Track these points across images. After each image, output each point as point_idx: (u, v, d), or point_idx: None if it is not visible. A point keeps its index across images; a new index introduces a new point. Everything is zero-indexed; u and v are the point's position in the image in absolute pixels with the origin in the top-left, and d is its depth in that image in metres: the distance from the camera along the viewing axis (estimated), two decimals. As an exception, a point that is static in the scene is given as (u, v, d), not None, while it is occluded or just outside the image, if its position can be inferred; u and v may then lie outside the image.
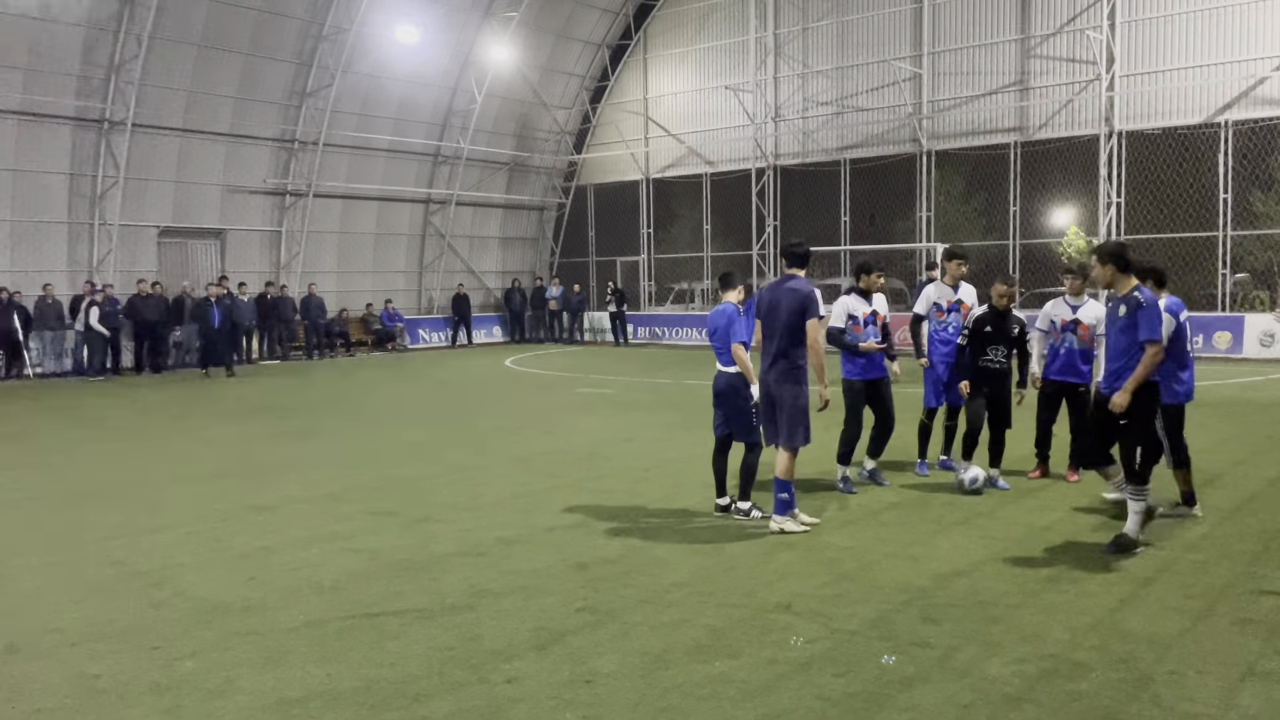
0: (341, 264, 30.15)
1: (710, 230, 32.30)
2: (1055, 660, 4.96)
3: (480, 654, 5.21)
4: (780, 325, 7.46)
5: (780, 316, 7.44)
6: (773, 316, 7.52)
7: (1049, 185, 26.31)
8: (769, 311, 7.52)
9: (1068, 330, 8.98)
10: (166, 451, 12.24)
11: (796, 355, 7.46)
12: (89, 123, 23.97)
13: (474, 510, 8.60)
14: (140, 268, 25.01)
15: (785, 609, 5.82)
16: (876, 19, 28.33)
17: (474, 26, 30.62)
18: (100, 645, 5.46)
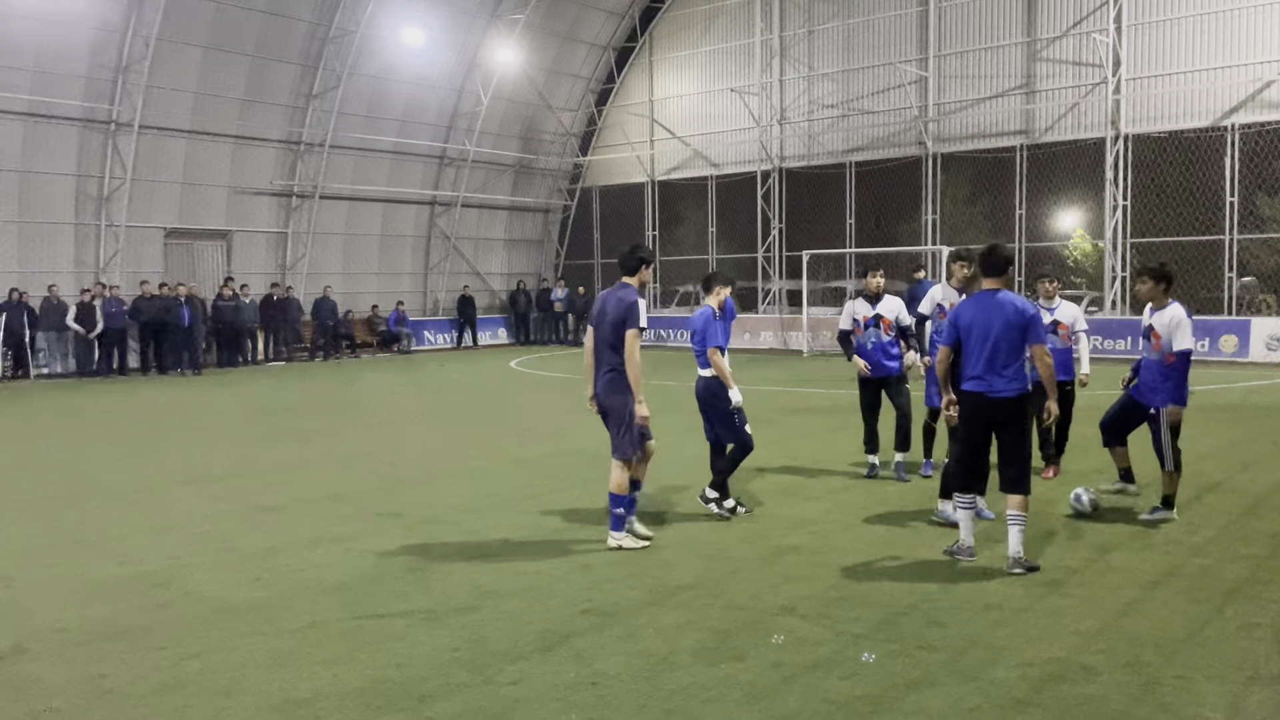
0: (347, 265, 30.18)
1: (715, 233, 32.30)
2: (1062, 664, 4.95)
3: (485, 655, 5.21)
4: (606, 334, 7.33)
5: (605, 325, 7.31)
6: (600, 324, 7.39)
7: (1055, 188, 26.27)
8: (598, 319, 7.40)
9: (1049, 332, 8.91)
10: (172, 452, 12.26)
11: (620, 365, 7.28)
12: (96, 124, 24.04)
13: (478, 511, 8.60)
14: (146, 269, 25.09)
15: (790, 612, 5.81)
16: (882, 22, 28.32)
17: (480, 29, 30.67)
18: (107, 645, 5.47)
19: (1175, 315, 7.78)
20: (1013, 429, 6.64)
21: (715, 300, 8.25)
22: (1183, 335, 7.70)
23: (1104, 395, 10.21)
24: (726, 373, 8.04)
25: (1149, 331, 7.92)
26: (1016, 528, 6.56)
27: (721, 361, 8.05)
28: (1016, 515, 6.56)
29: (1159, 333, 7.82)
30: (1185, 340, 7.71)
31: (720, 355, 8.06)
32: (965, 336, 6.72)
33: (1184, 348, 7.72)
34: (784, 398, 17.06)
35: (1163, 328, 7.80)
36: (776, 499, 8.86)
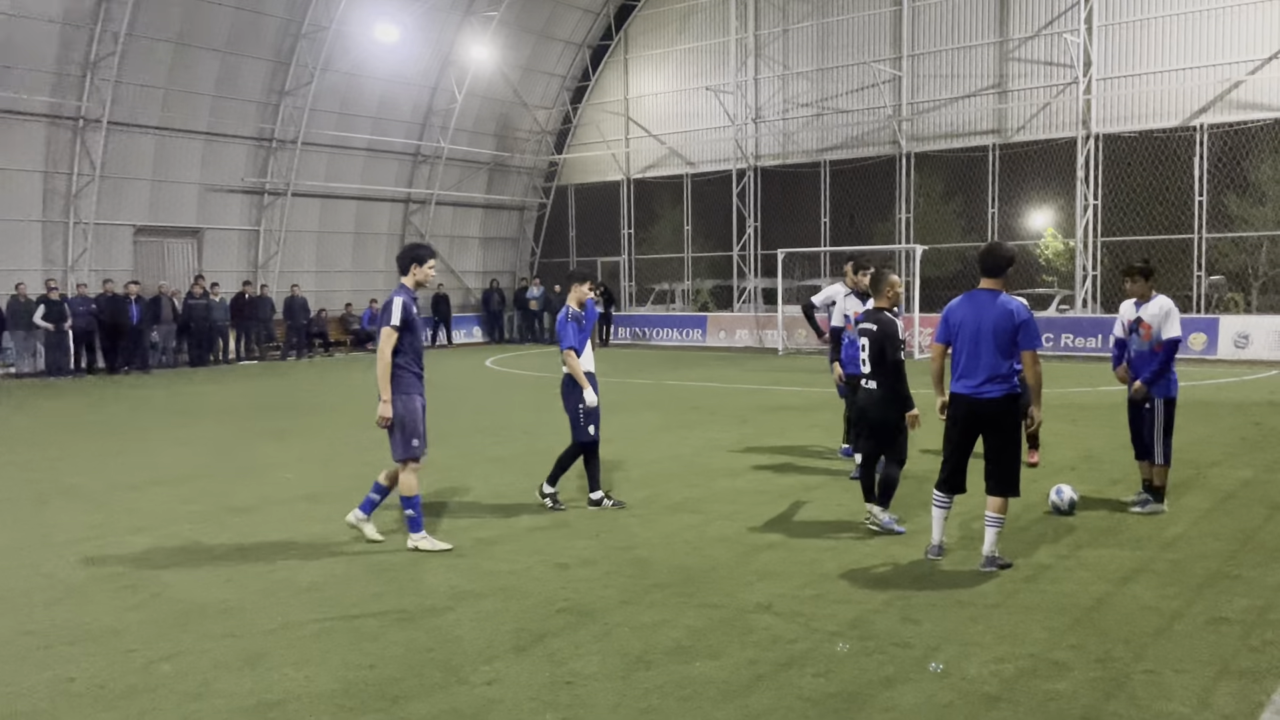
0: (320, 263, 29.98)
1: (691, 231, 32.33)
2: (1034, 660, 4.99)
3: (460, 655, 5.18)
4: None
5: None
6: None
7: (1027, 187, 26.49)
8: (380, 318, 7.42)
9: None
10: (142, 452, 12.13)
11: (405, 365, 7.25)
12: (64, 120, 23.74)
13: (453, 512, 8.56)
14: (116, 267, 24.81)
15: (766, 609, 5.83)
16: (857, 21, 28.45)
17: (454, 25, 30.53)
18: (75, 648, 5.40)
19: (1164, 305, 7.96)
20: (999, 431, 6.59)
21: (575, 299, 8.32)
22: (1172, 324, 7.90)
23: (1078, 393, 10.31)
24: (580, 373, 8.17)
25: (1138, 324, 8.03)
26: (994, 530, 6.57)
27: (575, 363, 8.18)
28: (995, 518, 6.57)
29: (1149, 324, 7.95)
30: (1174, 329, 7.90)
31: (575, 356, 8.17)
32: (955, 335, 6.69)
33: (1173, 335, 7.89)
34: (759, 395, 17.11)
35: (1152, 318, 7.95)
36: (751, 497, 8.87)
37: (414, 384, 7.30)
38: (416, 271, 7.28)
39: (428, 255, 7.38)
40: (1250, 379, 18.07)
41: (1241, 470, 9.67)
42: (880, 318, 7.56)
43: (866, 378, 7.63)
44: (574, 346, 8.18)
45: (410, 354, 7.25)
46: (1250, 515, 7.87)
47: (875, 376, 7.52)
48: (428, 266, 7.33)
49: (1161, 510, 7.92)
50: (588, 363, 8.37)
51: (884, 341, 7.43)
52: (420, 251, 7.38)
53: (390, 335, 7.09)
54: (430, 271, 7.37)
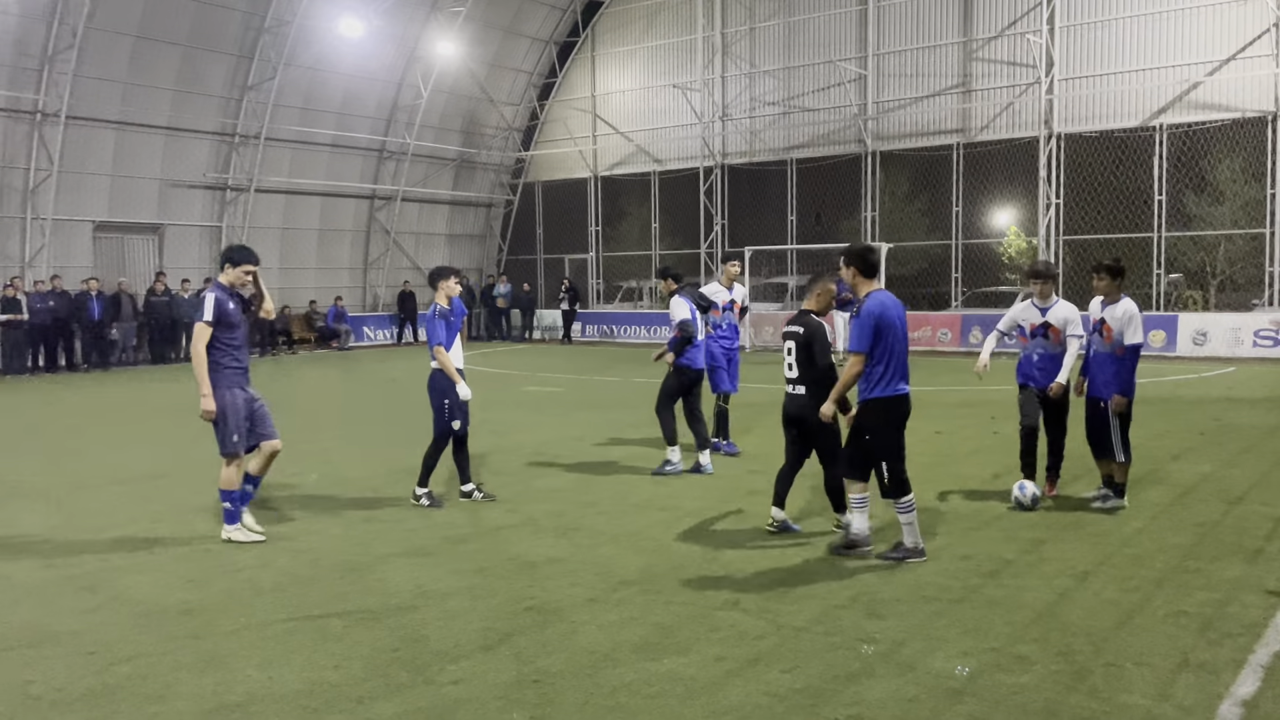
0: (284, 260, 29.65)
1: (659, 228, 32.34)
2: (997, 654, 5.04)
3: (426, 655, 5.15)
4: None
5: None
6: None
7: (990, 186, 26.76)
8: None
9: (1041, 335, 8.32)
10: (101, 452, 11.94)
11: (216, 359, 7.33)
12: (21, 114, 23.30)
13: (419, 510, 8.51)
14: (75, 264, 24.41)
15: (733, 606, 5.84)
16: (822, 20, 28.59)
17: (420, 21, 30.33)
18: (33, 651, 5.31)
19: (1128, 310, 8.01)
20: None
21: (443, 296, 8.50)
22: (1135, 330, 7.97)
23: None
24: (451, 368, 8.36)
25: (1100, 325, 8.09)
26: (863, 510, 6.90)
27: (446, 358, 8.36)
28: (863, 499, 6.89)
29: (1111, 326, 8.01)
30: (1137, 335, 7.98)
31: (444, 352, 8.36)
32: (892, 338, 6.62)
33: (1135, 342, 7.98)
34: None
35: (1115, 321, 8.01)
36: (719, 495, 8.89)
37: (234, 379, 7.39)
38: (230, 272, 7.44)
39: (242, 260, 7.49)
40: (1209, 376, 18.38)
41: (1200, 465, 9.83)
42: (808, 321, 7.36)
43: (793, 383, 7.36)
44: (442, 343, 8.36)
45: (228, 349, 7.34)
46: (1209, 510, 8.00)
47: (803, 381, 7.26)
48: (240, 270, 7.45)
49: (1122, 506, 8.04)
50: (457, 358, 8.56)
51: (811, 345, 7.23)
52: (234, 255, 7.53)
53: (202, 330, 7.24)
54: (244, 277, 7.46)
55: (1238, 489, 8.72)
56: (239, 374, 7.41)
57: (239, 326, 7.41)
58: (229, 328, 7.32)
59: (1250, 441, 11.18)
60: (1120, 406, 7.99)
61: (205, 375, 7.22)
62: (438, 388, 8.52)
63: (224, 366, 7.31)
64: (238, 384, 7.39)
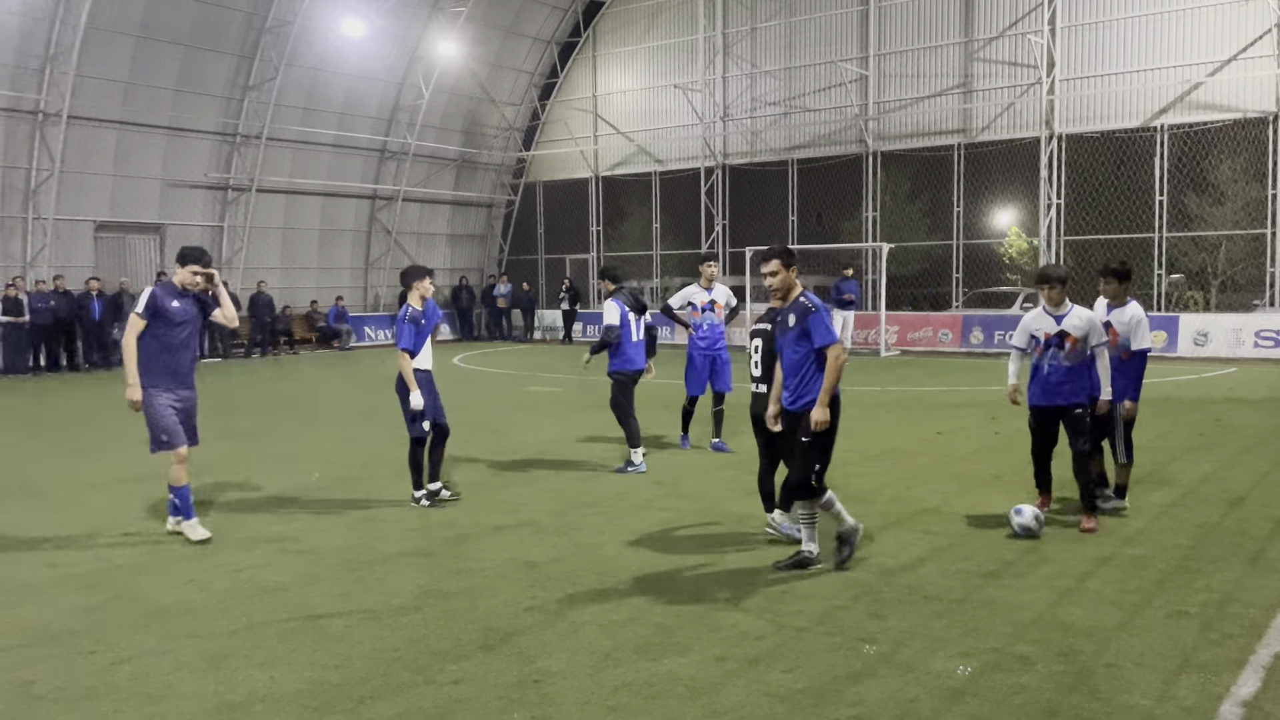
0: (285, 260, 29.68)
1: (660, 228, 32.35)
2: (998, 654, 5.04)
3: (427, 655, 5.15)
4: None
5: None
6: None
7: (991, 187, 26.78)
8: None
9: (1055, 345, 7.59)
10: (103, 451, 11.95)
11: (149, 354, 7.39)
12: (22, 114, 23.32)
13: (421, 510, 8.51)
14: (77, 263, 24.43)
15: (734, 606, 5.84)
16: (824, 20, 28.59)
17: (421, 21, 30.34)
18: (34, 650, 5.31)
19: (1135, 314, 7.96)
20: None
21: (417, 296, 8.45)
22: (1142, 334, 7.93)
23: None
24: (410, 375, 8.31)
25: (1106, 328, 8.00)
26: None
27: (407, 364, 8.29)
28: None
29: (1117, 330, 7.96)
30: (1145, 340, 7.95)
31: (408, 359, 8.29)
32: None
33: (1143, 346, 7.95)
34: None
35: (1121, 326, 7.96)
36: (720, 494, 8.89)
37: (163, 379, 7.40)
38: (179, 272, 7.53)
39: (189, 260, 7.56)
40: (1209, 376, 18.37)
41: (1201, 466, 9.82)
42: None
43: (758, 381, 7.21)
44: (408, 348, 8.31)
45: (164, 348, 7.37)
46: (1210, 510, 8.00)
47: (767, 380, 7.07)
48: (188, 270, 7.52)
49: (1123, 507, 8.04)
50: (425, 360, 8.56)
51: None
52: (183, 254, 7.61)
53: (134, 321, 7.33)
54: (192, 277, 7.50)
55: (1239, 490, 8.72)
56: (169, 376, 7.40)
57: (181, 326, 7.39)
58: (167, 325, 7.35)
59: (1251, 442, 11.18)
60: (1130, 413, 7.96)
61: (132, 367, 7.30)
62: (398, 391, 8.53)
63: (155, 364, 7.35)
64: (165, 385, 7.38)
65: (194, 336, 7.63)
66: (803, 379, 6.46)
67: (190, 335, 7.55)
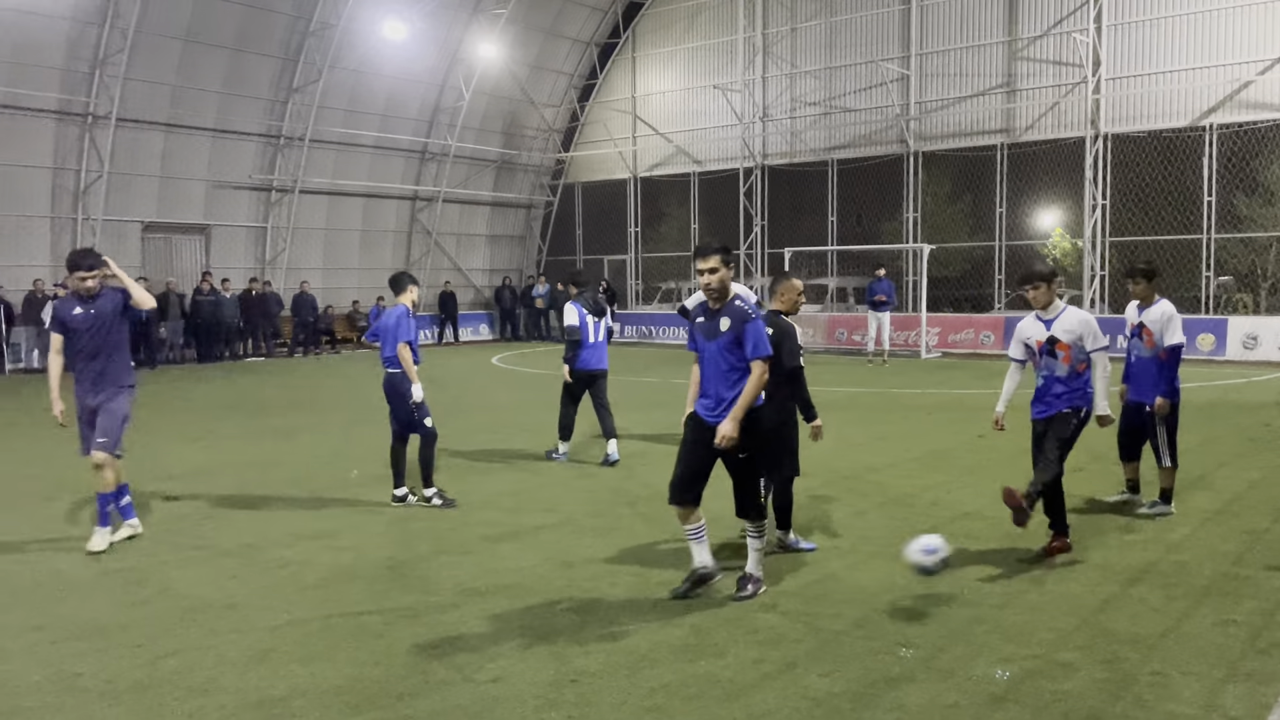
0: (327, 260, 30.02)
1: (698, 229, 32.31)
2: (1040, 660, 4.98)
3: (465, 653, 5.18)
4: None
5: None
6: None
7: (1035, 187, 26.44)
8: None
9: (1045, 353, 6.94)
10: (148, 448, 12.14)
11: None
12: (72, 116, 23.79)
13: (459, 509, 8.57)
14: (124, 263, 24.57)
15: (770, 609, 5.82)
16: (865, 20, 28.40)
17: (462, 23, 30.54)
18: (82, 644, 5.41)
19: (1165, 311, 7.94)
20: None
21: (409, 299, 8.78)
22: (1174, 330, 7.88)
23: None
24: (411, 368, 8.59)
25: (1140, 330, 8.00)
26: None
27: (408, 356, 8.59)
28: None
29: (1151, 329, 7.93)
30: (1177, 335, 7.90)
31: (409, 351, 8.60)
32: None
33: (1176, 342, 7.90)
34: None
35: (1154, 324, 7.92)
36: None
37: (76, 387, 7.49)
38: (70, 279, 7.51)
39: (76, 265, 7.46)
40: (1259, 380, 18.01)
41: (1249, 472, 9.63)
42: (777, 322, 6.94)
43: None
44: (411, 340, 8.65)
45: (74, 355, 7.45)
46: (1258, 517, 7.84)
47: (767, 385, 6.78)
48: (75, 276, 7.47)
49: (1169, 512, 7.91)
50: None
51: (780, 347, 6.75)
52: (71, 259, 7.54)
53: (52, 339, 7.52)
54: (79, 283, 7.46)
55: (1289, 496, 8.54)
56: (78, 383, 7.48)
57: (84, 333, 7.38)
58: (74, 334, 7.40)
59: (1302, 448, 10.94)
60: (1164, 409, 7.88)
61: (52, 382, 7.51)
62: (399, 389, 8.72)
63: (73, 372, 7.47)
64: (76, 393, 7.47)
65: (106, 340, 7.45)
66: (733, 389, 5.87)
67: (99, 341, 7.41)
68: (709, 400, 6.00)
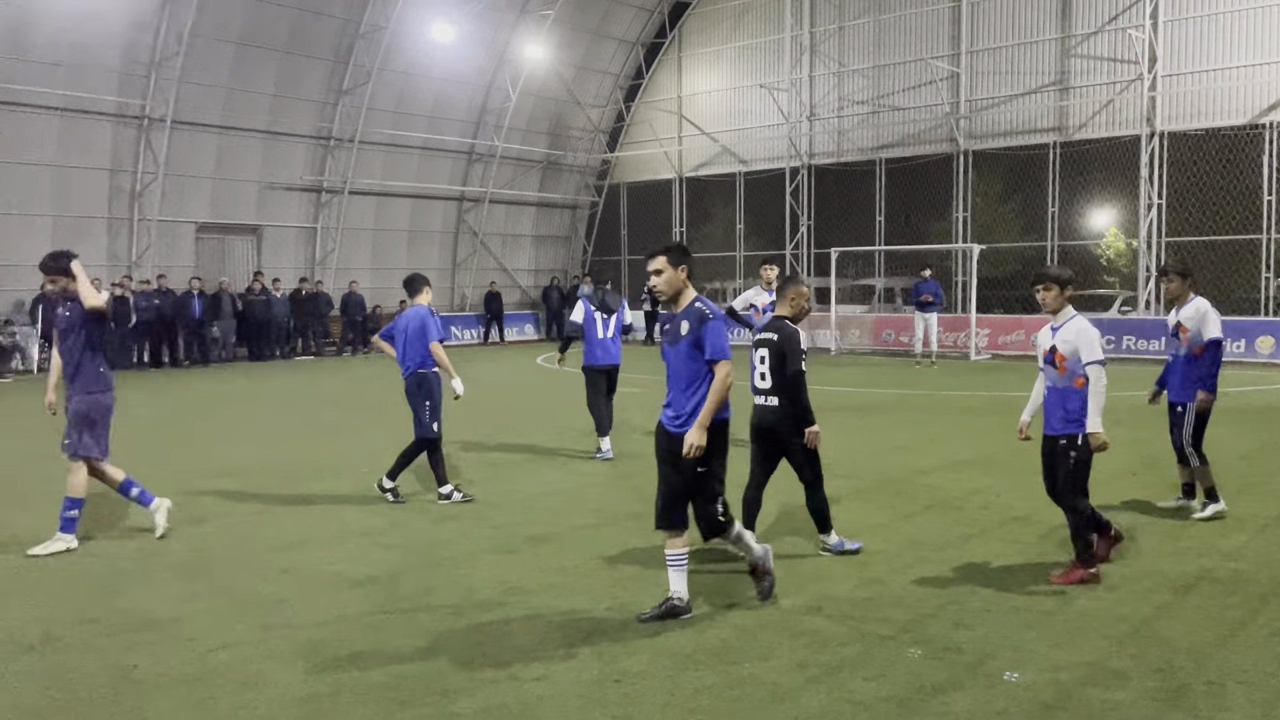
0: (375, 261, 30.34)
1: (743, 229, 32.21)
2: (1091, 668, 4.89)
3: (509, 651, 5.21)
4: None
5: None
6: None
7: (1089, 186, 26.00)
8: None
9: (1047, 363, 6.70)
10: (202, 444, 12.37)
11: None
12: (129, 119, 24.30)
13: (504, 507, 8.62)
14: (179, 263, 25.35)
15: (816, 612, 5.78)
16: (914, 17, 28.12)
17: (509, 25, 30.72)
18: (136, 636, 5.52)
19: (1200, 307, 7.90)
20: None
21: (426, 299, 9.03)
22: (1211, 325, 7.82)
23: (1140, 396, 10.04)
24: (448, 364, 8.85)
25: (1178, 329, 7.96)
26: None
27: (443, 355, 8.85)
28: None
29: (1187, 326, 7.89)
30: (1215, 330, 7.82)
31: (441, 349, 8.85)
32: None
33: (1214, 336, 7.83)
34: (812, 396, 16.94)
35: (1190, 320, 7.88)
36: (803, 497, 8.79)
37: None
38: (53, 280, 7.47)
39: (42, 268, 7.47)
40: (1320, 384, 17.54)
41: (1310, 478, 9.38)
42: (782, 327, 6.90)
43: (765, 393, 6.89)
44: (442, 339, 8.89)
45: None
46: (1319, 524, 7.64)
47: (776, 392, 6.83)
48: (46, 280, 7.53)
49: (1222, 510, 7.77)
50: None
51: (785, 351, 6.77)
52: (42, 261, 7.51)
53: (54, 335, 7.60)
54: (50, 286, 7.51)
55: (1352, 503, 8.31)
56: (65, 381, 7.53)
57: (64, 334, 7.42)
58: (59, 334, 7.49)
59: (1366, 453, 10.63)
60: (1205, 404, 7.76)
61: (50, 377, 7.69)
62: (422, 390, 8.80)
63: None
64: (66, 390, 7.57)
65: (76, 343, 7.39)
66: (696, 397, 5.61)
67: (70, 344, 7.39)
68: (670, 410, 5.74)
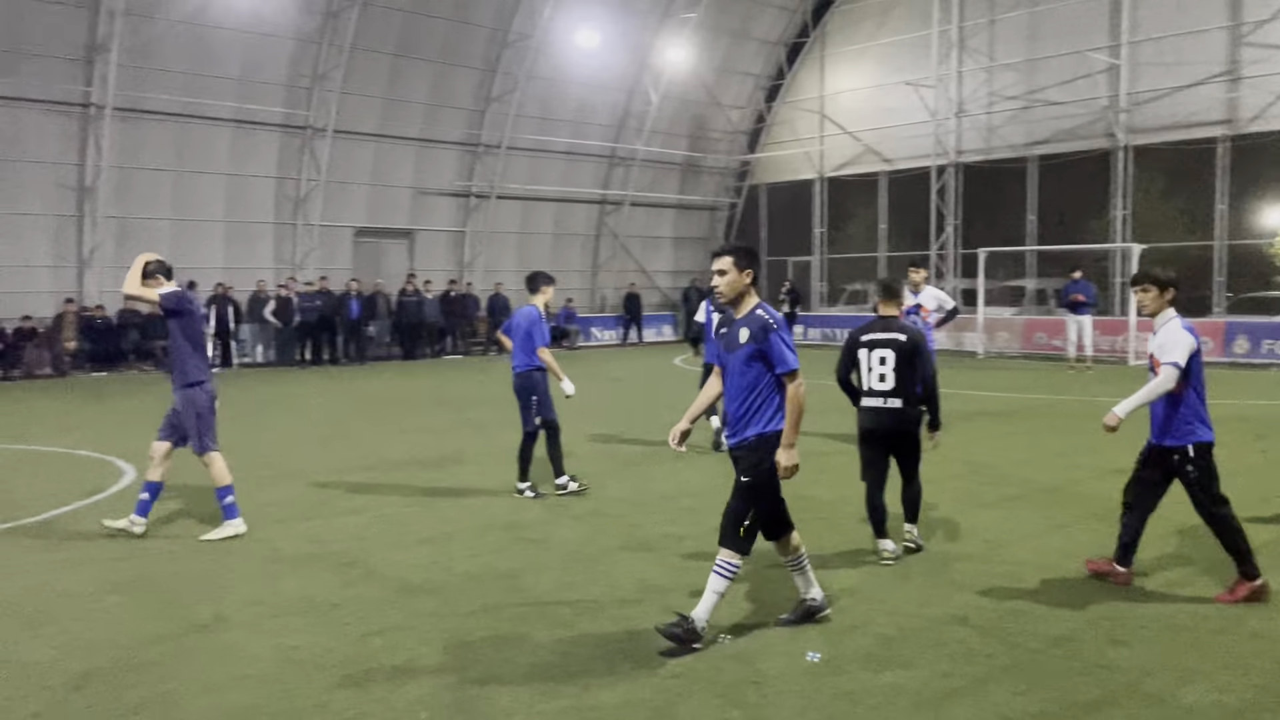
0: (520, 263, 30.96)
1: (885, 229, 31.57)
2: (1261, 692, 4.61)
3: (648, 648, 5.27)
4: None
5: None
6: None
7: (1262, 182, 24.40)
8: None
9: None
10: (358, 438, 12.93)
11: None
12: (294, 129, 25.65)
13: (643, 505, 8.71)
14: (338, 266, 26.59)
15: (962, 622, 5.63)
16: (1070, 8, 26.94)
17: (652, 29, 30.97)
18: (298, 619, 5.84)
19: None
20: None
21: (542, 299, 9.18)
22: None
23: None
24: (557, 367, 9.10)
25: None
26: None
27: (552, 358, 9.06)
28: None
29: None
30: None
31: (548, 353, 9.06)
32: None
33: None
34: (956, 401, 16.46)
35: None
36: (949, 504, 8.58)
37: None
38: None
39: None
40: None
41: None
42: (906, 327, 6.79)
43: (885, 395, 6.77)
44: (547, 343, 9.12)
45: None
46: None
47: (900, 394, 6.73)
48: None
49: None
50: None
51: (919, 352, 6.66)
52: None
53: None
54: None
55: None
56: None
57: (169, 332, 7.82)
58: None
59: None
60: None
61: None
62: (527, 386, 9.08)
63: None
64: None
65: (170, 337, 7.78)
66: (749, 407, 5.36)
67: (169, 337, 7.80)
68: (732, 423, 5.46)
